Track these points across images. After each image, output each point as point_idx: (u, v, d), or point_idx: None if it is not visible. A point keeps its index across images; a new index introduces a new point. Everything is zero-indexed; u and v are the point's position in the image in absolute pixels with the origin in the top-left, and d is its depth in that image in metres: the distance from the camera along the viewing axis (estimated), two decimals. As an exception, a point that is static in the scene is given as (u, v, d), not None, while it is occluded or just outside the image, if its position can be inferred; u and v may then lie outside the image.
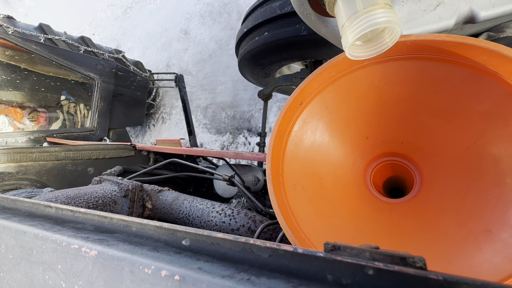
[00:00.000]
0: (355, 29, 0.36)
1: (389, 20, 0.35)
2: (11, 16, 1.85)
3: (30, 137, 1.86)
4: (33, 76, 2.20)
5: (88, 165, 1.33)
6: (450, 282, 0.20)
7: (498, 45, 0.41)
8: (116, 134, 2.35)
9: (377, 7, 0.35)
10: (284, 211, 0.54)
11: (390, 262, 0.23)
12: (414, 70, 0.52)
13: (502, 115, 0.46)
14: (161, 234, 0.34)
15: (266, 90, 1.73)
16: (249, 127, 2.91)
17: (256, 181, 1.31)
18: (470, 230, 0.48)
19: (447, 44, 0.45)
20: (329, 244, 0.26)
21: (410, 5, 0.49)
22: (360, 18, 0.35)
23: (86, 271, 0.31)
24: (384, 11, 0.35)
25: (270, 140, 0.58)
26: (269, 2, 1.34)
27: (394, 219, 0.59)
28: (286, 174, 0.60)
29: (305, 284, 0.24)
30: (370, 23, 0.35)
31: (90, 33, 4.71)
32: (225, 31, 3.33)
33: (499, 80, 0.44)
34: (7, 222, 0.40)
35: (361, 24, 0.35)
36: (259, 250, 0.28)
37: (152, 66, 3.79)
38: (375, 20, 0.34)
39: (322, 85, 0.59)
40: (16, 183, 1.15)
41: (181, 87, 2.38)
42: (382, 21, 0.34)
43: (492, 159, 0.48)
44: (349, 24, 0.36)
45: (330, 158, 0.65)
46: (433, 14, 0.48)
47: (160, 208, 0.90)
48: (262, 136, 1.87)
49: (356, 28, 0.36)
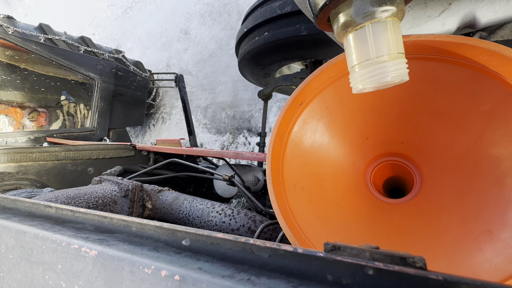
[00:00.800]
0: (365, 80, 0.36)
1: (400, 74, 0.35)
2: (11, 16, 1.85)
3: (30, 137, 1.86)
4: (33, 76, 2.20)
5: (88, 165, 1.33)
6: (450, 282, 0.20)
7: (499, 45, 0.41)
8: (116, 134, 2.35)
9: (390, 58, 0.34)
10: (284, 211, 0.54)
11: (390, 262, 0.23)
12: (414, 70, 0.52)
13: (503, 115, 0.46)
14: (161, 234, 0.34)
15: (266, 90, 1.74)
16: (249, 127, 2.92)
17: (256, 181, 1.31)
18: (470, 230, 0.48)
19: (447, 45, 0.45)
20: (329, 244, 0.26)
21: (415, 10, 0.49)
22: (372, 69, 0.35)
23: (86, 271, 0.31)
24: (396, 64, 0.35)
25: (270, 140, 0.58)
26: (269, 2, 1.34)
27: (394, 219, 0.59)
28: (286, 174, 0.60)
29: (305, 284, 0.24)
30: (381, 80, 0.35)
31: (90, 33, 4.71)
32: (225, 31, 3.33)
33: (500, 80, 0.44)
34: (7, 222, 0.40)
35: (372, 78, 0.35)
36: (259, 250, 0.28)
37: (152, 66, 3.79)
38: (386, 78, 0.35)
39: (322, 85, 0.59)
40: (16, 183, 1.15)
41: (181, 87, 2.38)
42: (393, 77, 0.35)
43: (492, 159, 0.48)
44: (360, 71, 0.36)
45: (330, 159, 0.65)
46: (437, 20, 0.48)
47: (160, 208, 0.90)
48: (262, 136, 1.87)
49: (367, 80, 0.36)
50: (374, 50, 0.35)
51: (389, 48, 0.35)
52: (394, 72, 0.35)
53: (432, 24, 0.48)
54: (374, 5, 0.33)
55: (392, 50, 0.35)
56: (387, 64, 0.35)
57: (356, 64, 0.37)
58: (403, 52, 0.36)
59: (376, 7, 0.33)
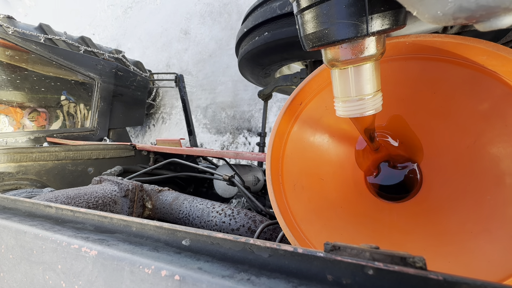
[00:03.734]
0: (346, 111, 0.43)
1: (376, 108, 0.41)
2: (11, 16, 1.85)
3: (30, 137, 1.86)
4: (33, 76, 2.20)
5: (88, 165, 1.33)
6: (450, 282, 0.20)
7: (497, 45, 0.41)
8: (116, 134, 2.35)
9: (368, 95, 0.40)
10: (284, 211, 0.54)
11: (390, 262, 0.23)
12: (414, 70, 0.52)
13: (502, 115, 0.46)
14: (161, 234, 0.34)
15: (266, 90, 1.74)
16: (249, 127, 2.92)
17: (256, 181, 1.31)
18: (470, 230, 0.48)
19: (446, 45, 0.45)
20: (329, 244, 0.26)
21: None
22: (352, 104, 0.41)
23: (86, 271, 0.31)
24: (373, 100, 0.40)
25: (269, 140, 0.58)
26: (269, 2, 1.34)
27: (394, 219, 0.59)
28: (286, 174, 0.60)
29: (305, 284, 0.24)
30: (360, 111, 0.41)
31: (90, 33, 4.71)
32: (225, 31, 3.33)
33: (498, 80, 0.44)
34: (7, 222, 0.40)
35: (352, 110, 0.42)
36: (259, 250, 0.28)
37: (152, 66, 3.79)
38: (364, 110, 0.41)
39: (322, 85, 0.59)
40: (16, 183, 1.15)
41: (181, 87, 2.38)
42: (370, 110, 0.41)
43: (492, 159, 0.48)
44: (342, 103, 0.42)
45: (330, 158, 0.65)
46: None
47: (160, 208, 0.90)
48: (262, 136, 1.87)
49: (347, 112, 0.42)
50: (354, 90, 0.40)
51: (368, 89, 0.40)
52: (371, 107, 0.41)
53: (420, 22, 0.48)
54: (356, 52, 0.36)
55: (370, 90, 0.40)
56: (365, 102, 0.40)
57: (340, 97, 0.42)
58: (379, 88, 0.41)
59: (358, 55, 0.36)
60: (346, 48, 0.37)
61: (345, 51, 0.37)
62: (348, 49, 0.37)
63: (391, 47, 0.49)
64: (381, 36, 0.36)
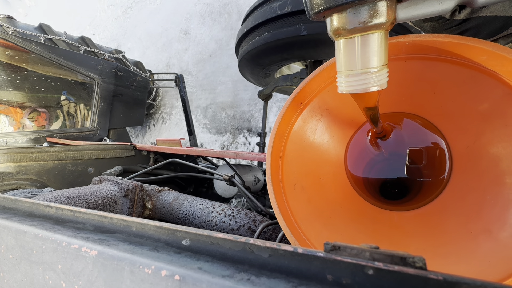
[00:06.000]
0: (349, 86, 0.40)
1: (380, 84, 0.38)
2: (11, 16, 1.85)
3: (30, 137, 1.86)
4: (33, 76, 2.20)
5: (88, 165, 1.33)
6: (450, 282, 0.20)
7: (497, 45, 0.41)
8: (116, 134, 2.35)
9: (373, 69, 0.37)
10: (284, 211, 0.54)
11: (390, 262, 0.23)
12: (414, 70, 0.52)
13: (502, 115, 0.46)
14: (161, 234, 0.34)
15: (266, 90, 1.74)
16: (249, 127, 2.92)
17: (256, 181, 1.31)
18: (470, 230, 0.48)
19: (446, 45, 0.45)
20: (329, 244, 0.26)
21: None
22: (356, 79, 0.38)
23: (86, 271, 0.31)
24: (378, 75, 0.38)
25: (269, 140, 0.58)
26: (269, 2, 1.34)
27: (394, 219, 0.59)
28: (286, 174, 0.60)
29: (305, 284, 0.24)
30: (364, 86, 0.38)
31: (90, 33, 4.71)
32: (225, 31, 3.33)
33: (498, 80, 0.44)
34: (7, 222, 0.40)
35: (355, 86, 0.39)
36: (259, 250, 0.28)
37: (152, 66, 3.79)
38: (368, 85, 0.38)
39: (322, 85, 0.59)
40: (16, 183, 1.15)
41: (181, 87, 2.38)
42: (374, 85, 0.38)
43: (492, 159, 0.48)
44: (346, 77, 0.40)
45: (330, 158, 0.65)
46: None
47: (160, 208, 0.90)
48: (262, 136, 1.87)
49: (350, 87, 0.40)
50: (360, 62, 0.37)
51: (374, 62, 0.37)
52: (376, 83, 0.38)
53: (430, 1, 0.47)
54: (366, 18, 0.34)
55: (377, 64, 0.37)
56: (370, 76, 0.37)
57: (343, 71, 0.40)
58: (386, 63, 0.38)
59: (367, 22, 0.34)
60: (354, 13, 0.34)
61: (352, 17, 0.34)
62: (356, 15, 0.34)
63: (391, 47, 0.49)
64: (393, 2, 0.34)
